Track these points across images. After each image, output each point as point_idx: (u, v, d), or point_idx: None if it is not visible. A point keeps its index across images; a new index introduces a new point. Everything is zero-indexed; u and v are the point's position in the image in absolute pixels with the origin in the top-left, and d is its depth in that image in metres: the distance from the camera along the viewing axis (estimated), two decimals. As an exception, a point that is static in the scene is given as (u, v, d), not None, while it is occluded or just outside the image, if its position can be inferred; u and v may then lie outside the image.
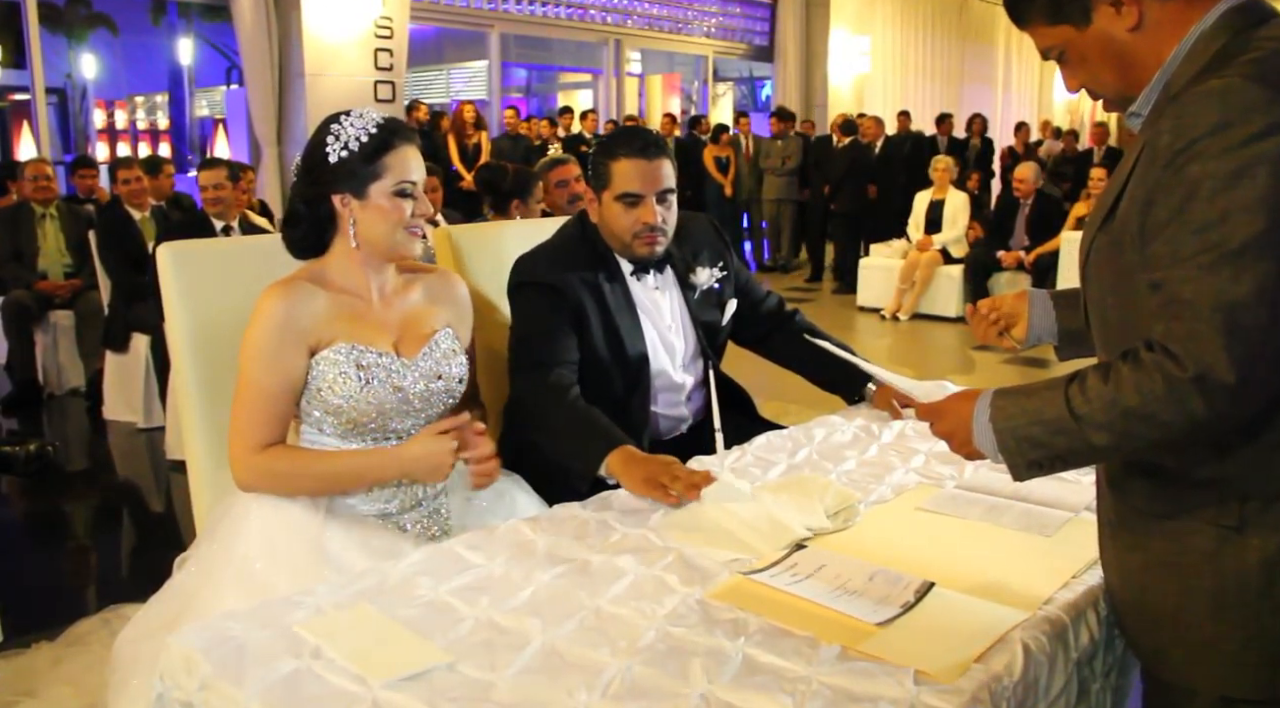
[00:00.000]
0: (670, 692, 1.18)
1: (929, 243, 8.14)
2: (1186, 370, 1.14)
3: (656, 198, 2.19)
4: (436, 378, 1.89)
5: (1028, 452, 1.28)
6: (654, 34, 12.01)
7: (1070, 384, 1.24)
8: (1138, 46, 1.27)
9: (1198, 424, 1.16)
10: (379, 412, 1.83)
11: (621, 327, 2.24)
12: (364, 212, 1.81)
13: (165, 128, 19.04)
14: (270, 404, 1.78)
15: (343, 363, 1.80)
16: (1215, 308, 1.12)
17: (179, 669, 1.27)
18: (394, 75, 8.52)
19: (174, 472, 4.37)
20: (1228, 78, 1.15)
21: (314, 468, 1.80)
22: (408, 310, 1.92)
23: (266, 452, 1.78)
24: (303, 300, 1.80)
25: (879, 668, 1.23)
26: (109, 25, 17.21)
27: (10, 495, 4.11)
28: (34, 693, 2.14)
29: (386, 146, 1.80)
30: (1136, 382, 1.17)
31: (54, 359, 5.65)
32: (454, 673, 1.23)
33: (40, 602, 3.07)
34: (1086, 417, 1.21)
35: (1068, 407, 1.23)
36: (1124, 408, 1.18)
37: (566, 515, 1.73)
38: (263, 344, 1.77)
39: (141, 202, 5.46)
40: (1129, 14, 1.26)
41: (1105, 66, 1.31)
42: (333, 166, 1.79)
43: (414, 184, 1.83)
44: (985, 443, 1.32)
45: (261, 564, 1.66)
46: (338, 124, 1.81)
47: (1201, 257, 1.13)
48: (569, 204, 4.09)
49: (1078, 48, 1.31)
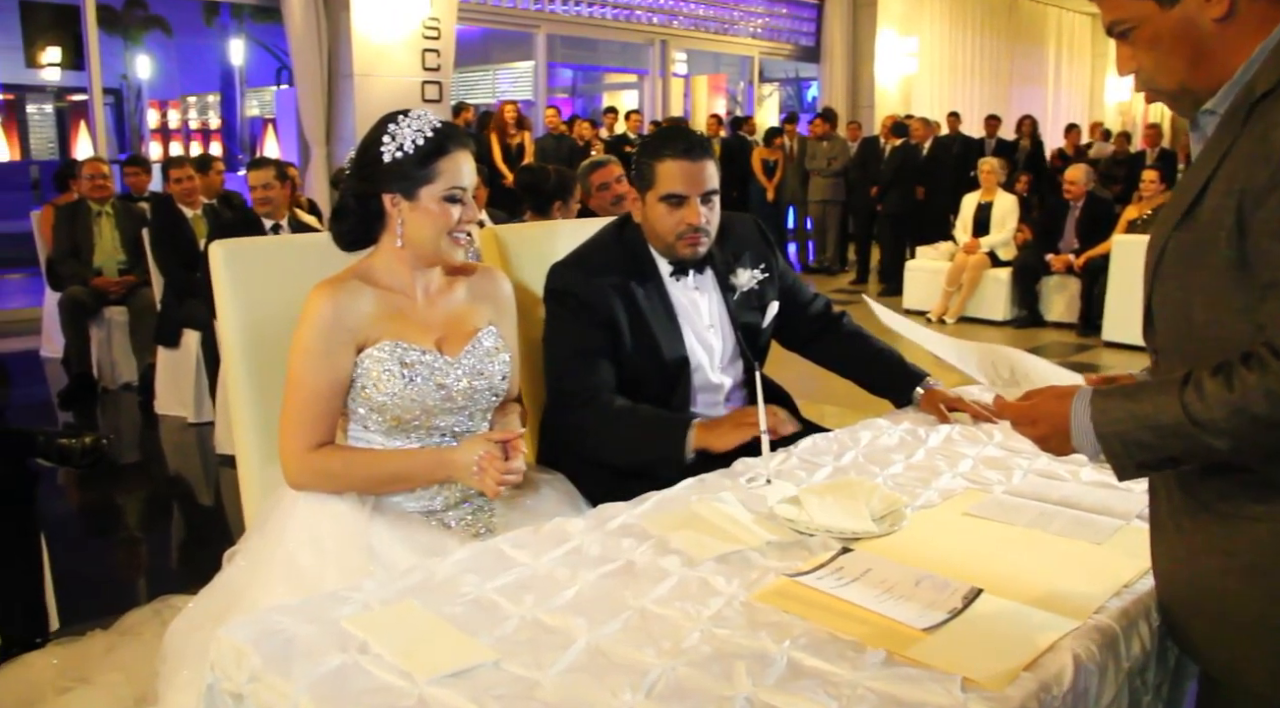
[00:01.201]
0: (714, 694, 1.18)
1: (976, 245, 8.06)
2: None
3: (701, 199, 2.19)
4: (479, 376, 1.91)
5: (1136, 454, 1.26)
6: (700, 34, 12.00)
7: (1185, 388, 1.21)
8: (1219, 39, 1.23)
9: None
10: (423, 409, 1.85)
11: (657, 331, 2.23)
12: (412, 213, 1.84)
13: (216, 127, 19.34)
14: (320, 403, 1.81)
15: (387, 360, 1.82)
16: None
17: (229, 662, 1.28)
18: (441, 76, 8.59)
19: (223, 466, 4.44)
20: None
21: (365, 468, 1.83)
22: (451, 309, 1.94)
23: (318, 451, 1.81)
24: (350, 300, 1.82)
25: (926, 674, 1.22)
26: (163, 27, 17.51)
27: (65, 487, 4.19)
28: (88, 680, 2.18)
29: (441, 151, 1.82)
30: (1265, 387, 1.14)
31: (108, 354, 5.76)
32: (499, 671, 1.23)
33: (94, 591, 3.13)
34: (1207, 423, 1.18)
35: (1185, 412, 1.20)
36: (1251, 415, 1.16)
37: (611, 515, 1.73)
38: (311, 344, 1.80)
39: (193, 200, 5.55)
40: (1220, 3, 1.21)
41: (1177, 54, 1.26)
42: (386, 166, 1.82)
43: (464, 190, 1.84)
44: (1085, 445, 1.30)
45: (308, 559, 1.68)
46: (394, 124, 1.82)
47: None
48: (612, 205, 4.09)
49: (1153, 28, 1.26)
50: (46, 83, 16.91)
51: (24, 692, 2.19)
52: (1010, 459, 2.01)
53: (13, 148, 16.33)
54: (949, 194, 9.24)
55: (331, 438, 1.85)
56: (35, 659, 2.35)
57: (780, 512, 1.70)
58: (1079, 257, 7.66)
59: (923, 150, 9.96)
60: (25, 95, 17.17)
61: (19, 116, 17.16)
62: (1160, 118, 16.27)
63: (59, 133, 17.28)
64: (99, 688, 2.13)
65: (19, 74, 16.43)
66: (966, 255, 8.06)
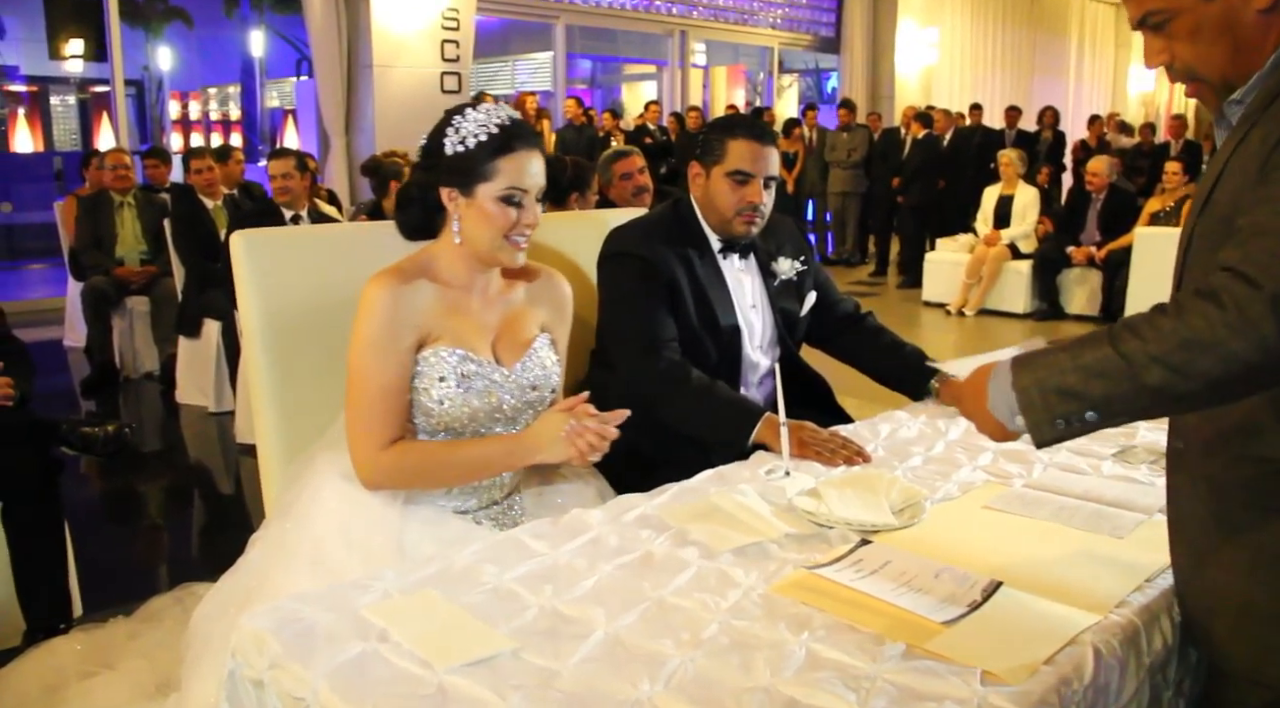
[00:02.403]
0: (733, 685, 1.18)
1: (997, 237, 8.01)
2: (1262, 288, 1.06)
3: (763, 182, 2.28)
4: (532, 389, 1.87)
5: (1056, 406, 1.17)
6: (719, 25, 11.96)
7: (1114, 327, 1.16)
8: (1261, 29, 1.20)
9: (1268, 351, 1.07)
10: (471, 418, 1.81)
11: (713, 299, 2.32)
12: (469, 210, 1.78)
13: (237, 118, 19.44)
14: (390, 399, 1.75)
15: (444, 367, 1.77)
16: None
17: (250, 648, 1.29)
18: (460, 67, 8.60)
19: (243, 455, 4.47)
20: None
21: (444, 460, 1.77)
22: (508, 312, 1.89)
23: (393, 449, 1.74)
24: (411, 290, 1.76)
25: (945, 667, 1.21)
26: (184, 18, 17.60)
27: (88, 475, 4.23)
28: (111, 666, 2.20)
29: (504, 149, 1.75)
30: (1202, 309, 1.09)
31: (130, 344, 5.81)
32: (518, 660, 1.24)
33: (116, 578, 3.16)
34: (1135, 353, 1.12)
35: (1113, 346, 1.14)
36: (1184, 338, 1.10)
37: (629, 506, 1.73)
38: (375, 337, 1.73)
39: (214, 190, 5.58)
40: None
41: (1219, 45, 1.23)
42: (447, 159, 1.76)
43: (524, 192, 1.77)
44: (1002, 408, 1.22)
45: (335, 550, 1.66)
46: (460, 117, 1.76)
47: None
48: (634, 196, 4.12)
49: (1194, 18, 1.23)
50: (69, 74, 17.02)
51: (49, 677, 2.22)
52: (1030, 452, 1.99)
53: (36, 139, 16.45)
54: (969, 186, 9.19)
55: (403, 433, 1.78)
56: (60, 645, 2.37)
57: (799, 504, 1.69)
58: (1100, 249, 7.60)
59: (943, 142, 9.90)
60: (49, 87, 17.29)
61: (42, 108, 17.29)
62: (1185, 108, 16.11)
63: (81, 124, 17.40)
64: (122, 674, 2.15)
65: (43, 66, 16.56)
66: (987, 248, 8.02)
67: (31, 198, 11.47)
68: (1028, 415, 1.20)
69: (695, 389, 2.16)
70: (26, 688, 2.19)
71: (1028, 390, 1.20)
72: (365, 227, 3.26)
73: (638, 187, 4.18)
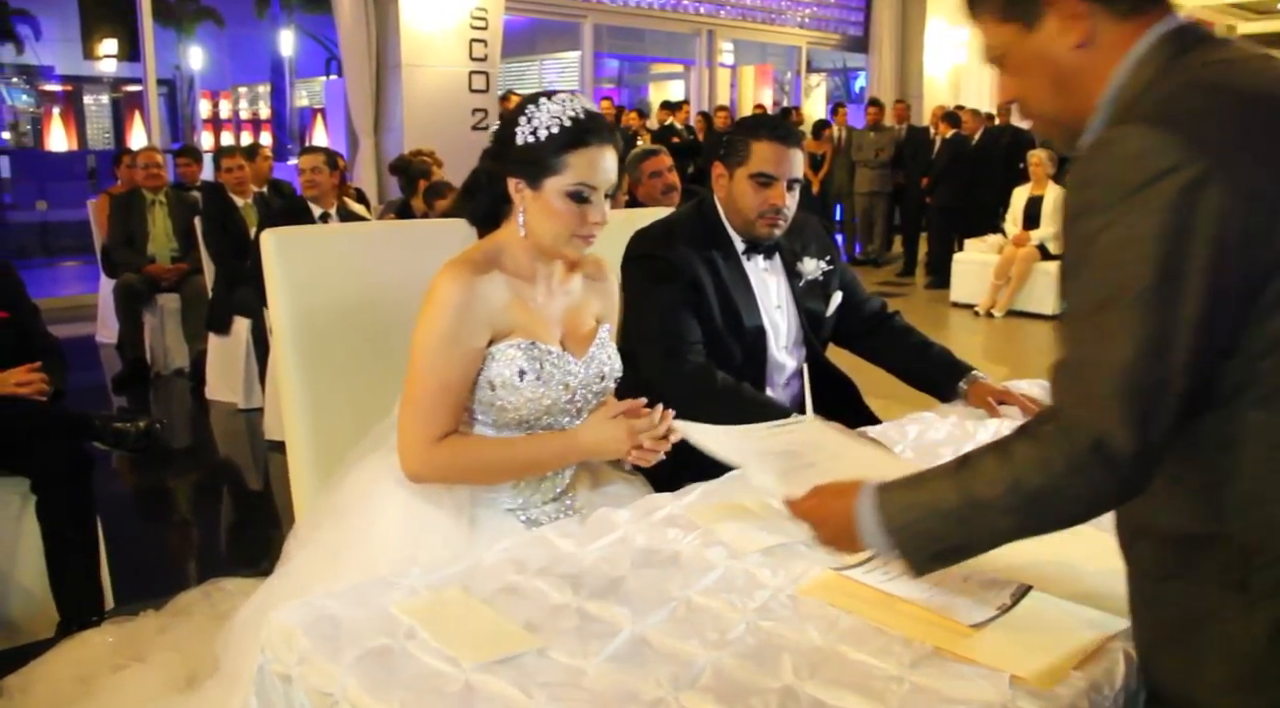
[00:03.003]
0: (760, 686, 1.18)
1: (1026, 238, 7.95)
2: (1083, 441, 1.07)
3: (787, 184, 2.27)
4: (600, 379, 1.84)
5: (928, 546, 1.21)
6: (747, 24, 11.93)
7: (962, 469, 1.18)
8: (1080, 67, 1.18)
9: (1106, 496, 1.11)
10: (547, 411, 1.78)
11: (738, 300, 2.31)
12: (535, 203, 1.72)
13: (266, 117, 19.60)
14: (449, 394, 1.71)
15: (521, 360, 1.73)
16: (1107, 370, 1.06)
17: (279, 643, 1.30)
18: (488, 66, 8.63)
19: (271, 452, 4.50)
20: (1124, 124, 1.08)
21: (498, 458, 1.74)
22: (570, 303, 1.86)
23: (444, 443, 1.70)
24: (483, 284, 1.71)
25: (973, 671, 1.20)
26: (215, 19, 17.76)
27: (119, 470, 4.28)
28: (142, 658, 2.23)
29: (576, 142, 1.68)
30: (1037, 459, 1.11)
31: (160, 340, 5.86)
32: (544, 659, 1.24)
33: (146, 572, 3.19)
34: (988, 502, 1.14)
35: (965, 495, 1.16)
36: (1027, 490, 1.12)
37: (657, 506, 1.73)
38: (443, 330, 1.68)
39: (244, 189, 5.62)
40: (1076, 29, 1.16)
41: (1041, 82, 1.22)
42: (516, 148, 1.70)
43: (594, 189, 1.71)
44: (878, 543, 1.24)
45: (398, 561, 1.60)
46: (534, 105, 1.71)
47: (1094, 316, 1.08)
48: (663, 195, 4.14)
49: (1020, 53, 1.21)
50: (103, 74, 17.23)
51: (82, 667, 2.24)
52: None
53: (70, 138, 16.65)
54: (998, 186, 9.12)
55: (456, 429, 1.74)
56: (91, 637, 2.40)
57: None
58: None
59: (972, 142, 9.83)
60: (83, 86, 17.51)
61: (76, 107, 17.51)
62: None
63: (114, 123, 17.60)
64: (152, 667, 2.17)
65: (77, 66, 16.77)
66: (1016, 248, 7.96)
67: (65, 196, 11.62)
68: (904, 555, 1.23)
69: (721, 391, 2.16)
70: (60, 679, 2.22)
71: (898, 533, 1.22)
72: (394, 225, 3.29)
73: (667, 185, 4.21)
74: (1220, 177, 1.02)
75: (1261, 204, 1.03)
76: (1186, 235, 1.02)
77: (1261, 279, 1.05)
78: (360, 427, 1.95)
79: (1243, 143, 1.05)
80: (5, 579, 2.68)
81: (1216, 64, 1.13)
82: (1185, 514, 1.14)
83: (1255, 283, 1.05)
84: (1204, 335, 1.04)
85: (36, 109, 17.18)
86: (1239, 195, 1.02)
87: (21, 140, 16.66)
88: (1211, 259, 1.02)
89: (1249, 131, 1.07)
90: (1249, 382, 1.08)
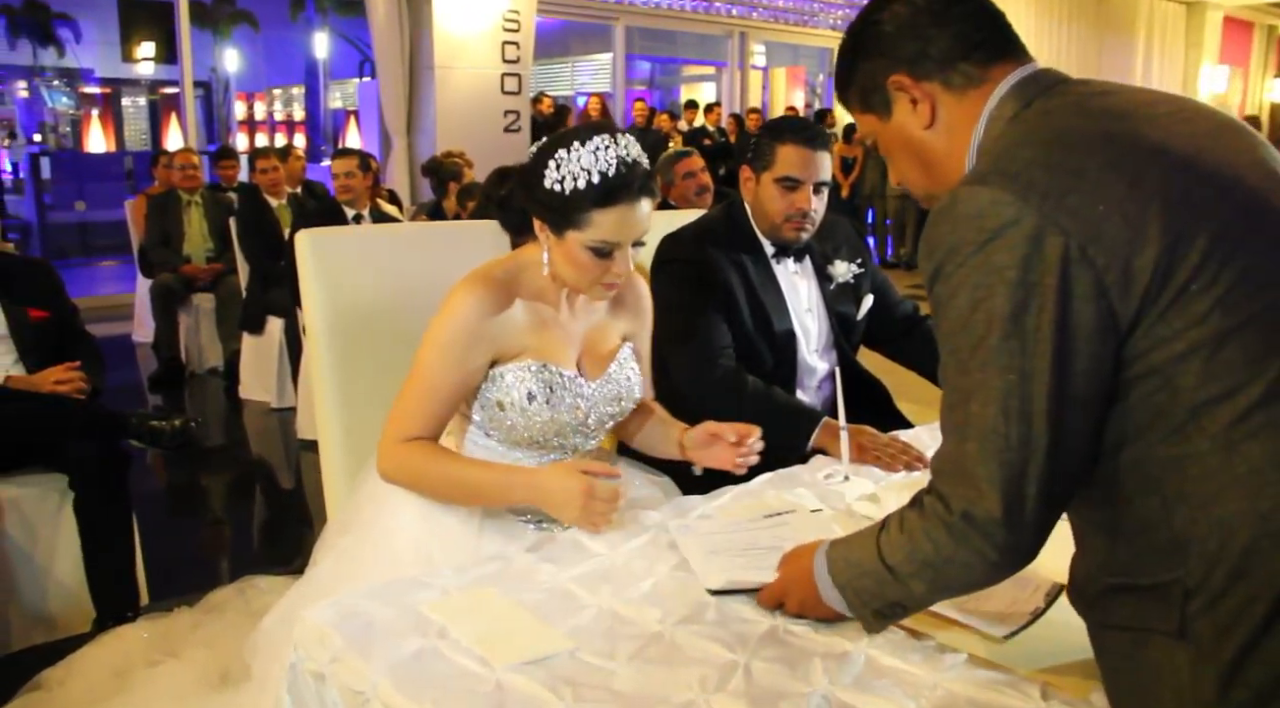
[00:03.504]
0: (791, 690, 1.17)
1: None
2: (953, 512, 1.07)
3: (813, 187, 2.26)
4: (616, 401, 1.81)
5: (870, 602, 1.21)
6: (779, 26, 11.90)
7: (881, 532, 1.19)
8: (934, 145, 1.21)
9: (997, 563, 1.08)
10: (557, 432, 1.76)
11: (767, 304, 2.30)
12: (558, 248, 1.67)
13: (300, 119, 19.77)
14: (436, 402, 1.69)
15: (530, 382, 1.70)
16: (971, 435, 1.05)
17: (312, 642, 1.31)
18: (520, 68, 8.65)
19: (303, 451, 4.54)
20: (962, 187, 1.07)
21: (446, 472, 1.67)
22: (593, 322, 1.82)
23: (410, 444, 1.68)
24: (497, 305, 1.68)
25: (1006, 678, 1.19)
26: (250, 21, 17.94)
27: (153, 468, 4.33)
28: (176, 654, 2.25)
29: (604, 201, 1.59)
30: (925, 529, 1.11)
31: (195, 340, 5.93)
32: (575, 660, 1.24)
33: (180, 569, 3.23)
34: (898, 567, 1.15)
35: (880, 558, 1.17)
36: (923, 558, 1.12)
37: (688, 508, 1.73)
38: (448, 341, 1.67)
39: (278, 190, 5.68)
40: (923, 111, 1.19)
41: (911, 162, 1.24)
42: (543, 190, 1.63)
43: (618, 245, 1.64)
44: (834, 600, 1.25)
45: (410, 567, 1.61)
46: (566, 151, 1.61)
47: (956, 379, 1.07)
48: (696, 196, 4.16)
49: (885, 139, 1.25)
50: (140, 76, 17.45)
51: (117, 662, 2.27)
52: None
53: (109, 139, 16.87)
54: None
55: (434, 437, 1.71)
56: (127, 633, 2.43)
57: (859, 509, 1.68)
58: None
59: (1006, 144, 9.74)
60: (121, 88, 17.74)
61: (114, 109, 17.74)
62: (1259, 110, 15.73)
63: (151, 124, 17.82)
64: (186, 663, 2.19)
65: (115, 68, 17.00)
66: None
67: (103, 196, 11.76)
68: (852, 611, 1.24)
69: (752, 395, 2.15)
70: (96, 673, 2.25)
71: (844, 589, 1.23)
72: (427, 226, 3.30)
73: (700, 186, 4.24)
74: (1056, 224, 1.01)
75: (1097, 245, 1.00)
76: (1029, 289, 1.01)
77: (1135, 311, 1.01)
78: (392, 427, 1.96)
79: (1073, 185, 1.02)
80: (43, 575, 2.72)
81: (1054, 110, 1.13)
82: (1120, 563, 1.09)
83: (1125, 317, 1.01)
84: (1062, 386, 1.02)
85: (76, 111, 17.43)
86: (1076, 239, 1.00)
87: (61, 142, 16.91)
88: (1058, 308, 1.01)
89: (1079, 172, 1.03)
90: (1154, 418, 1.03)
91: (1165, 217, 1.01)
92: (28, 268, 3.09)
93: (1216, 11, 15.39)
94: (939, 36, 1.18)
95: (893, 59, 1.20)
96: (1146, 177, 1.03)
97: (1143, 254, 1.00)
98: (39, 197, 12.12)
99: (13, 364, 2.89)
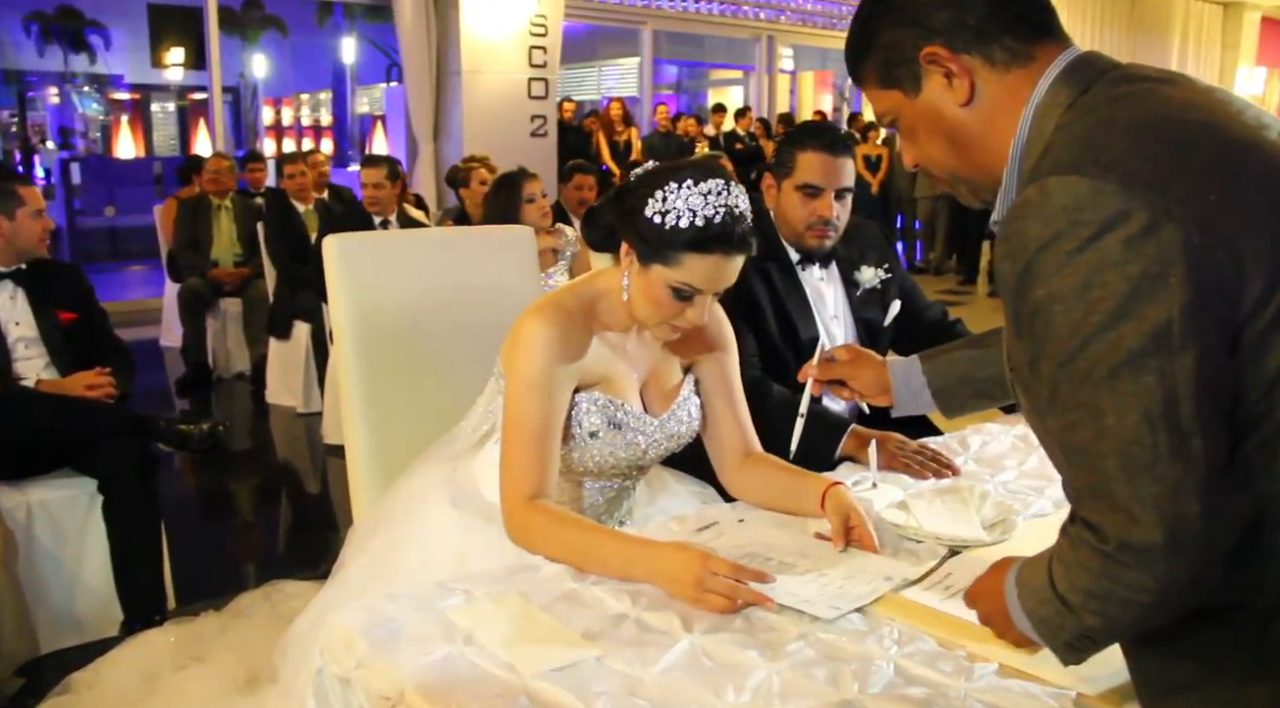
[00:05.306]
0: (821, 699, 1.16)
1: (1090, 245, 7.80)
2: (1107, 541, 0.96)
3: (835, 194, 2.24)
4: (674, 438, 1.76)
5: (1056, 634, 1.07)
6: (807, 30, 11.87)
7: (1054, 558, 1.06)
8: (970, 125, 1.12)
9: (1160, 591, 0.96)
10: (614, 467, 1.73)
11: (793, 311, 2.29)
12: (639, 278, 1.61)
13: (328, 124, 19.88)
14: (536, 445, 1.59)
15: (596, 415, 1.67)
16: (1100, 454, 0.95)
17: (338, 646, 1.31)
18: (547, 72, 8.67)
19: (329, 455, 4.56)
20: (1043, 179, 0.98)
21: (575, 542, 1.52)
22: (657, 355, 1.77)
23: (532, 505, 1.56)
24: (573, 329, 1.64)
25: (1038, 688, 1.17)
26: (279, 27, 18.06)
27: (181, 472, 4.36)
28: (203, 659, 2.26)
29: (699, 246, 1.54)
30: (1080, 561, 1.00)
31: (223, 344, 5.97)
32: (602, 667, 1.23)
33: (206, 573, 3.25)
34: (1069, 599, 1.03)
35: (1053, 589, 1.04)
36: (1086, 591, 1.00)
37: (715, 516, 1.72)
38: (535, 382, 1.59)
39: (305, 195, 5.71)
40: (960, 87, 1.10)
41: (935, 143, 1.15)
42: (641, 218, 1.57)
43: (700, 292, 1.59)
44: (1026, 628, 1.11)
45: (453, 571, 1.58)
46: (676, 183, 1.55)
47: (1069, 394, 0.96)
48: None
49: (910, 118, 1.16)
50: (169, 82, 17.61)
51: (145, 665, 2.29)
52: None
53: (138, 144, 17.04)
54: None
55: (552, 481, 1.61)
56: (154, 637, 2.45)
57: (887, 517, 1.66)
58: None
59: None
60: (150, 94, 17.91)
61: (144, 115, 17.91)
62: (1294, 112, 15.45)
63: (180, 130, 17.98)
64: (212, 668, 2.20)
65: (145, 74, 17.16)
66: (1079, 255, 7.80)
67: (132, 201, 11.88)
68: (1044, 642, 1.10)
69: (779, 404, 2.13)
70: (124, 676, 2.26)
71: (1031, 617, 1.10)
72: (453, 231, 3.31)
73: None
74: (1170, 214, 0.93)
75: (1212, 235, 0.93)
76: (1154, 282, 0.92)
77: (1243, 315, 0.94)
78: (419, 431, 1.96)
79: (1177, 176, 0.95)
80: (72, 578, 2.74)
81: (1123, 98, 1.05)
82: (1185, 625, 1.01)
83: (1238, 319, 0.94)
84: (1208, 383, 0.93)
85: (106, 117, 17.61)
86: (1193, 228, 0.92)
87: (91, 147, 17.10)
88: (1189, 300, 0.92)
89: (1179, 162, 0.97)
90: (1249, 427, 0.97)
91: (1275, 216, 0.96)
92: (57, 272, 3.12)
93: (1254, 12, 15.19)
94: (975, 3, 1.10)
95: (925, 28, 1.11)
96: (1246, 171, 0.98)
97: (1256, 249, 0.94)
98: (69, 202, 12.25)
99: (44, 368, 2.92)
